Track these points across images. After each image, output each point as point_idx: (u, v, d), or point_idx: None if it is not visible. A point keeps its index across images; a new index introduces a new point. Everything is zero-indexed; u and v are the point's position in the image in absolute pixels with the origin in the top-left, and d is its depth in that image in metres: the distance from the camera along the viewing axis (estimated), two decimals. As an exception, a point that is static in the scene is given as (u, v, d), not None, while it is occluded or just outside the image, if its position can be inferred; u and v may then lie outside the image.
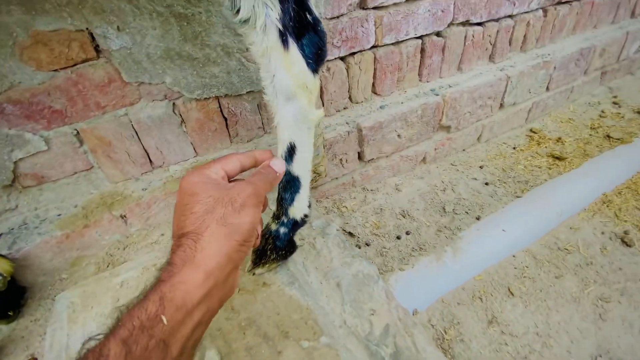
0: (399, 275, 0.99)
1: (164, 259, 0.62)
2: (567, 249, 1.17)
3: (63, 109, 0.84)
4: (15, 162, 0.85)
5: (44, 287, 0.92)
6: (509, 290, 1.05)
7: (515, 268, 1.11)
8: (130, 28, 0.80)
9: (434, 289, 1.01)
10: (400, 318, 0.73)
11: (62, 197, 0.94)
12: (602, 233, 1.23)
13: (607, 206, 1.32)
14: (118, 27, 0.79)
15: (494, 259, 1.11)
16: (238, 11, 0.50)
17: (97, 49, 0.81)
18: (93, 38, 0.79)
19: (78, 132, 0.88)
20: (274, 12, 0.51)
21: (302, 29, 0.59)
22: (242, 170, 0.56)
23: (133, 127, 0.93)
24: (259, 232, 0.54)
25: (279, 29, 0.53)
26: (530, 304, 1.02)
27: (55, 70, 0.79)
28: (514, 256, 1.15)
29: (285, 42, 0.56)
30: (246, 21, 0.51)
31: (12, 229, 0.90)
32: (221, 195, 0.46)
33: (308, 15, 0.59)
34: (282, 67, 0.58)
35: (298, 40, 0.59)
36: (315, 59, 0.62)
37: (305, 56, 0.60)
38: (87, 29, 0.78)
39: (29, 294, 0.91)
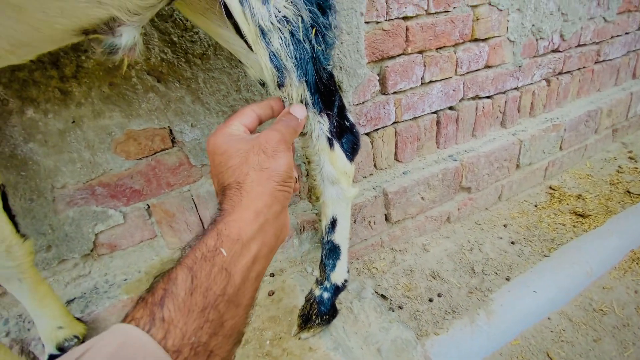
0: (435, 340, 1.02)
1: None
2: (602, 310, 1.17)
3: (141, 189, 1.01)
4: (96, 234, 1.00)
5: (105, 349, 1.00)
6: (548, 355, 1.04)
7: (551, 331, 1.11)
8: (201, 124, 0.99)
9: (470, 355, 1.02)
10: (441, 385, 0.76)
11: (129, 264, 1.07)
12: (636, 292, 1.22)
13: (637, 263, 1.32)
14: (192, 124, 0.99)
15: (528, 321, 1.12)
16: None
17: (173, 140, 1.00)
18: (171, 132, 0.99)
19: (149, 207, 1.04)
20: (325, 126, 0.67)
21: (342, 131, 0.75)
22: (261, 122, 0.57)
23: (193, 201, 1.08)
24: (296, 175, 0.55)
25: (328, 137, 0.69)
26: (572, 371, 1.00)
27: (139, 158, 0.98)
28: (549, 319, 1.15)
29: (331, 145, 0.71)
30: (305, 134, 0.67)
31: (85, 293, 1.02)
32: (251, 145, 0.47)
33: (346, 122, 0.76)
34: (328, 162, 0.73)
35: (339, 140, 0.75)
36: (352, 151, 0.78)
37: (344, 150, 0.76)
38: (168, 126, 0.97)
39: (92, 355, 0.99)
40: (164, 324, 0.33)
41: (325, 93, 0.64)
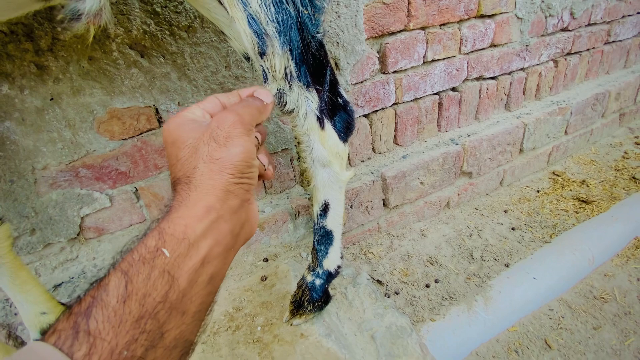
0: (431, 326, 1.00)
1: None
2: (603, 298, 1.14)
3: (127, 171, 0.96)
4: (82, 217, 0.97)
5: (95, 333, 0.98)
6: (546, 342, 1.02)
7: (550, 319, 1.09)
8: (188, 102, 0.94)
9: (467, 341, 1.00)
10: (436, 373, 0.74)
11: (117, 247, 1.04)
12: (638, 280, 1.19)
13: (642, 252, 1.29)
14: (179, 102, 0.93)
15: (527, 308, 1.10)
16: (284, 105, 0.61)
17: (159, 119, 0.95)
18: (157, 111, 0.94)
19: (136, 190, 1.00)
20: (313, 103, 0.62)
21: (335, 109, 0.70)
22: (222, 106, 0.49)
23: (183, 184, 1.04)
24: (265, 162, 0.49)
25: (317, 115, 0.64)
26: (570, 358, 0.99)
27: (124, 139, 0.93)
28: (548, 305, 1.13)
29: (322, 124, 0.66)
30: (291, 111, 0.62)
31: (72, 277, 0.99)
32: (201, 132, 0.42)
33: (339, 99, 0.70)
34: (319, 142, 0.68)
35: (331, 118, 0.69)
36: (345, 131, 0.73)
37: (337, 130, 0.71)
38: (153, 105, 0.92)
39: (82, 339, 0.97)
40: (88, 338, 0.29)
41: (314, 65, 0.59)
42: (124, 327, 0.31)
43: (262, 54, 0.51)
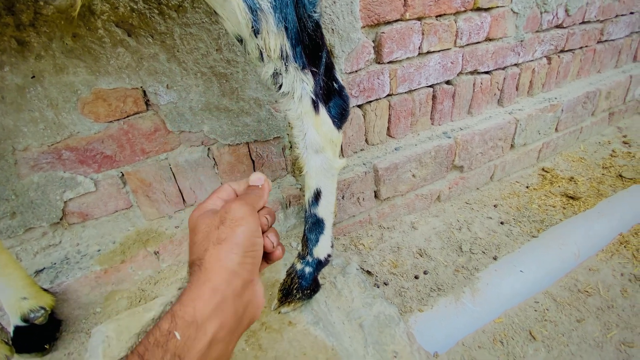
0: (418, 316, 1.01)
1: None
2: (587, 291, 1.17)
3: (113, 154, 0.94)
4: (65, 202, 0.94)
5: (78, 321, 0.96)
6: (531, 333, 1.04)
7: (535, 311, 1.11)
8: (177, 86, 0.91)
9: (454, 331, 1.01)
10: (423, 361, 0.75)
11: (102, 234, 1.01)
12: (622, 275, 1.22)
13: (625, 247, 1.32)
14: (167, 85, 0.90)
15: (513, 300, 1.12)
16: (280, 87, 0.60)
17: (147, 103, 0.92)
18: (145, 94, 0.91)
19: (123, 175, 0.97)
20: (309, 86, 0.61)
21: (330, 94, 0.68)
22: (238, 193, 0.55)
23: (171, 170, 1.01)
24: (273, 240, 0.52)
25: (312, 98, 0.62)
26: (553, 349, 1.00)
27: (110, 121, 0.90)
28: (534, 298, 1.14)
29: (316, 108, 0.65)
30: (286, 94, 0.60)
31: (55, 263, 0.97)
32: (212, 219, 0.46)
33: (334, 84, 0.69)
34: (313, 127, 0.67)
35: (326, 104, 0.68)
36: (340, 117, 0.72)
37: (331, 116, 0.69)
38: (141, 87, 0.89)
39: (64, 327, 0.95)
40: None
41: (310, 46, 0.57)
42: None
43: (256, 32, 0.50)
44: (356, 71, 1.16)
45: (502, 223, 1.41)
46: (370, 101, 1.25)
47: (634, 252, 1.29)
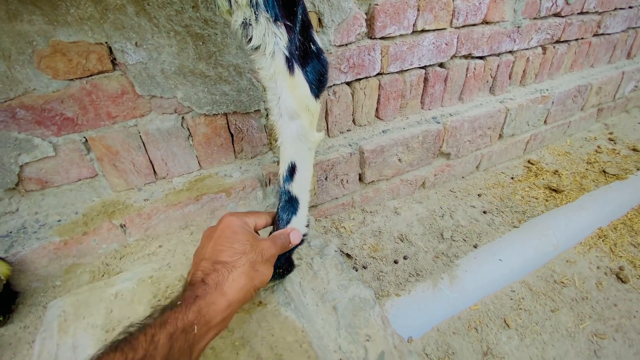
0: (395, 300, 0.99)
1: (162, 271, 0.67)
2: (563, 282, 1.17)
3: (74, 117, 0.86)
4: (21, 166, 0.86)
5: (36, 294, 0.90)
6: (505, 321, 1.04)
7: (511, 299, 1.11)
8: (147, 44, 0.83)
9: (430, 317, 1.00)
10: (395, 345, 0.73)
11: (64, 203, 0.94)
12: (598, 268, 1.23)
13: (603, 241, 1.33)
14: (136, 42, 0.82)
15: (490, 288, 1.11)
16: (250, 40, 0.53)
17: (113, 62, 0.84)
18: (111, 51, 0.82)
19: (86, 140, 0.90)
20: (282, 41, 0.54)
21: (307, 57, 0.62)
22: (267, 226, 0.73)
23: (141, 138, 0.94)
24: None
25: (286, 56, 0.56)
26: (526, 337, 1.01)
27: (71, 79, 0.82)
28: (510, 287, 1.14)
29: (291, 68, 0.59)
30: (257, 48, 0.54)
31: (11, 232, 0.89)
32: (255, 244, 0.57)
33: (312, 45, 0.62)
34: (288, 89, 0.61)
35: (303, 67, 0.62)
36: (318, 84, 0.66)
37: (308, 81, 0.63)
38: (106, 42, 0.80)
39: (21, 299, 0.89)
40: None
41: (284, -4, 0.51)
42: None
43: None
44: (346, 44, 1.09)
45: (484, 212, 1.40)
46: (360, 79, 1.19)
47: (611, 247, 1.30)
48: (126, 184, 0.99)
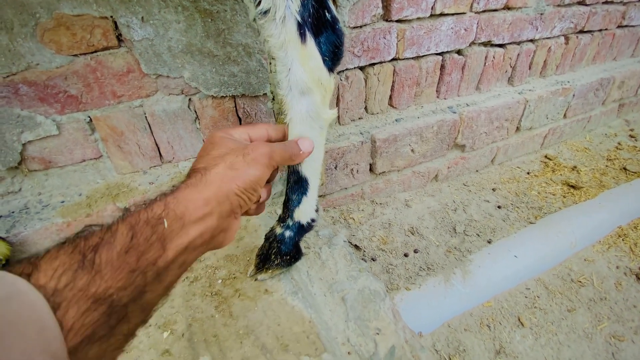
0: (405, 294, 0.95)
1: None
2: (580, 282, 1.12)
3: (78, 95, 0.83)
4: (23, 144, 0.83)
5: (38, 275, 0.89)
6: (519, 320, 1.00)
7: (526, 297, 1.06)
8: (154, 20, 0.79)
9: (441, 312, 0.97)
10: (407, 340, 0.69)
11: (68, 184, 0.92)
12: (617, 267, 1.18)
13: (623, 240, 1.27)
14: (142, 17, 0.79)
15: (504, 285, 1.07)
16: (259, 3, 0.49)
17: (119, 37, 0.80)
18: (116, 27, 0.79)
19: (91, 120, 0.87)
20: (294, 5, 0.50)
21: (321, 26, 0.58)
22: (269, 141, 0.58)
23: (147, 120, 0.91)
24: (264, 196, 0.56)
25: (298, 21, 0.52)
26: (541, 337, 0.97)
27: (75, 55, 0.79)
28: (525, 284, 1.10)
29: (303, 36, 0.54)
30: (266, 12, 0.50)
31: (13, 212, 0.88)
32: (237, 146, 0.49)
33: (327, 13, 0.58)
34: (298, 60, 0.56)
35: (316, 36, 0.57)
36: (332, 57, 0.61)
37: (322, 53, 0.59)
38: (111, 16, 0.77)
39: (22, 281, 0.88)
40: (92, 270, 0.32)
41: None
42: (120, 273, 0.33)
43: None
44: (361, 26, 1.04)
45: (499, 207, 1.35)
46: (374, 64, 1.14)
47: (631, 246, 1.24)
48: (131, 167, 0.96)
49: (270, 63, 0.95)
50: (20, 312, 0.26)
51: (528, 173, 1.57)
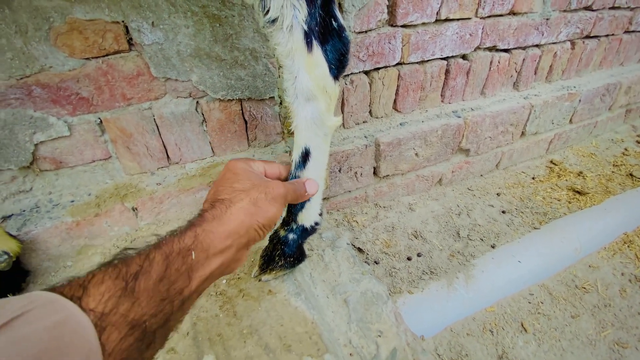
0: (408, 298, 0.95)
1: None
2: (584, 288, 1.12)
3: (90, 97, 0.85)
4: (35, 145, 0.86)
5: (47, 273, 0.91)
6: (522, 325, 0.99)
7: (529, 303, 1.06)
8: (164, 24, 0.81)
9: (443, 316, 0.97)
10: (408, 343, 0.70)
11: (77, 184, 0.94)
12: (622, 274, 1.17)
13: (628, 246, 1.26)
14: (153, 22, 0.80)
15: (508, 290, 1.07)
16: (267, 12, 0.51)
17: (129, 42, 0.82)
18: (127, 31, 0.81)
19: (101, 121, 0.89)
20: (301, 14, 0.51)
21: (327, 34, 0.59)
22: (279, 179, 0.65)
23: (155, 122, 0.93)
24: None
25: (305, 30, 0.53)
26: (544, 343, 0.96)
27: (87, 58, 0.81)
28: (529, 290, 1.10)
29: (309, 44, 0.55)
30: (274, 21, 0.51)
31: (24, 210, 0.90)
32: (259, 183, 0.53)
33: (333, 22, 0.59)
34: (305, 69, 0.58)
35: (322, 44, 0.58)
36: (338, 64, 0.62)
37: (328, 61, 0.60)
38: (122, 21, 0.79)
39: (31, 278, 0.90)
40: (132, 297, 0.34)
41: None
42: (153, 301, 0.36)
43: None
44: (366, 31, 1.05)
45: (503, 212, 1.34)
46: (379, 68, 1.15)
47: (637, 253, 1.23)
48: (139, 168, 0.98)
49: (279, 69, 0.97)
50: (72, 338, 0.28)
51: (533, 178, 1.56)
